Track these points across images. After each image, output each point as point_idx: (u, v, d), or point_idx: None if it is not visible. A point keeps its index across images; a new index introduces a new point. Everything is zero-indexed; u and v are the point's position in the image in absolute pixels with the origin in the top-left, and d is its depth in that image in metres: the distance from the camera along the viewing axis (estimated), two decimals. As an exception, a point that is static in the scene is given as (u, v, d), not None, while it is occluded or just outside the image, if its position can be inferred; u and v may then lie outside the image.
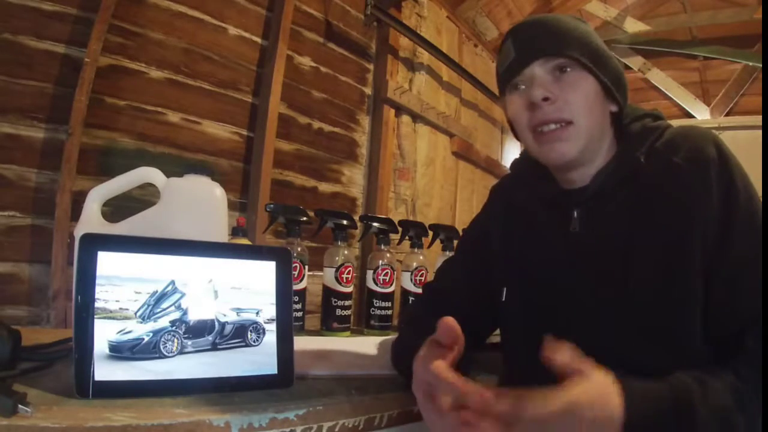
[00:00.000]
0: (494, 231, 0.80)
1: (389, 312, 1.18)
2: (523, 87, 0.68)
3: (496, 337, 0.86)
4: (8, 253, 1.08)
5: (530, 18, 0.71)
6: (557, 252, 0.70)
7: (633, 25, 3.20)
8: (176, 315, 0.61)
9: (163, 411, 0.53)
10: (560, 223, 0.70)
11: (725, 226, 0.59)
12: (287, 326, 0.68)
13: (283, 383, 0.65)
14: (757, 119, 2.92)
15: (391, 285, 1.19)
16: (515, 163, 0.84)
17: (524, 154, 0.83)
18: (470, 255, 0.85)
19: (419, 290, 1.21)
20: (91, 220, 0.81)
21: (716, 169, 0.61)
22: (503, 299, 0.76)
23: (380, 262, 1.18)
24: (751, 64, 3.07)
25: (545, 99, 0.65)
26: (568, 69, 0.65)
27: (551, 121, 0.65)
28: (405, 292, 1.24)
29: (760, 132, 2.87)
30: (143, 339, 0.58)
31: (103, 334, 0.56)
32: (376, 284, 1.17)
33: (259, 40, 1.59)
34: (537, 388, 0.54)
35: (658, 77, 3.33)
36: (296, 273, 1.04)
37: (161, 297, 0.61)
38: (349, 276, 1.13)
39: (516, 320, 0.75)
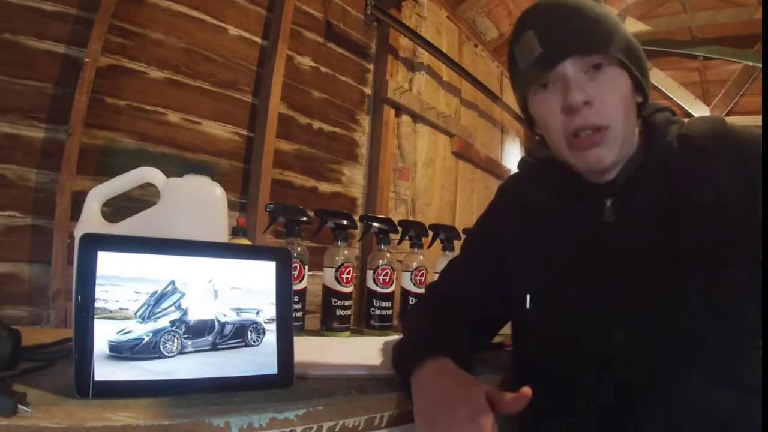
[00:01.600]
0: (506, 233, 0.77)
1: (389, 312, 1.18)
2: (551, 86, 0.63)
3: (496, 338, 0.86)
4: (8, 253, 1.08)
5: (549, 3, 0.64)
6: (590, 245, 0.66)
7: (633, 25, 3.20)
8: (176, 315, 0.61)
9: (163, 411, 0.52)
10: (591, 215, 0.67)
11: (762, 198, 0.57)
12: (287, 326, 0.68)
13: (283, 383, 0.65)
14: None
15: (391, 285, 1.19)
16: (524, 162, 0.81)
17: (534, 153, 0.80)
18: (476, 256, 0.82)
19: (419, 290, 1.21)
20: (91, 220, 0.81)
21: (746, 148, 0.61)
22: (527, 307, 0.70)
23: (380, 262, 1.18)
24: (751, 64, 3.07)
25: (585, 103, 0.60)
26: (604, 66, 0.61)
27: (589, 127, 0.61)
28: (405, 292, 1.24)
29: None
30: (143, 339, 0.58)
31: (103, 334, 0.56)
32: (376, 284, 1.17)
33: (259, 40, 1.59)
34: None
35: (658, 77, 3.33)
36: (296, 273, 1.04)
37: (161, 297, 0.61)
38: (349, 276, 1.13)
39: (547, 324, 0.69)
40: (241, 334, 0.65)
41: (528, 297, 0.70)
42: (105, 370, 0.55)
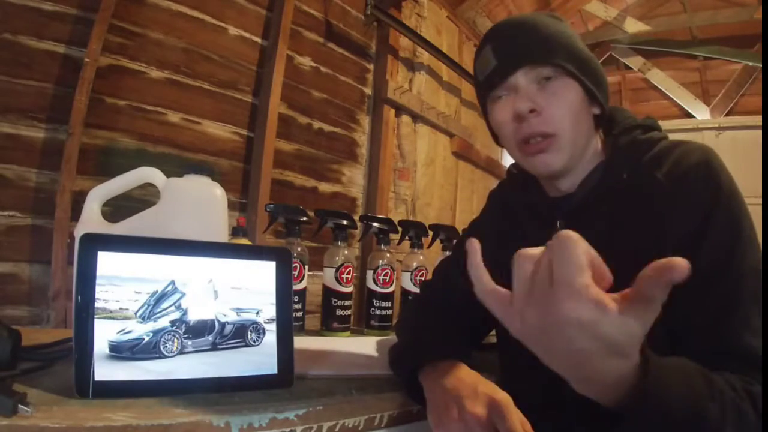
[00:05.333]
0: (490, 235, 0.80)
1: (389, 312, 1.18)
2: (505, 95, 0.66)
3: (493, 337, 0.86)
4: (8, 253, 1.08)
5: (508, 21, 0.67)
6: None
7: (633, 25, 3.20)
8: (176, 315, 0.61)
9: (163, 411, 0.52)
10: (544, 234, 0.70)
11: (701, 240, 0.56)
12: (287, 326, 0.68)
13: (283, 383, 0.65)
14: (757, 119, 2.93)
15: (391, 285, 1.19)
16: (509, 172, 0.84)
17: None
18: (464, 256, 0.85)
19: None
20: (91, 220, 0.81)
21: (701, 186, 0.58)
22: None
23: (380, 262, 1.18)
24: (751, 64, 3.07)
25: (531, 111, 0.63)
26: (553, 77, 0.63)
27: (537, 135, 0.64)
28: (405, 292, 1.24)
29: (760, 132, 2.88)
30: (143, 339, 0.58)
31: (103, 334, 0.56)
32: (376, 284, 1.17)
33: (259, 40, 1.59)
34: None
35: (658, 77, 3.33)
36: (296, 273, 1.04)
37: (161, 297, 0.61)
38: (349, 276, 1.13)
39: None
40: (241, 334, 0.65)
41: None
42: (105, 370, 0.55)
